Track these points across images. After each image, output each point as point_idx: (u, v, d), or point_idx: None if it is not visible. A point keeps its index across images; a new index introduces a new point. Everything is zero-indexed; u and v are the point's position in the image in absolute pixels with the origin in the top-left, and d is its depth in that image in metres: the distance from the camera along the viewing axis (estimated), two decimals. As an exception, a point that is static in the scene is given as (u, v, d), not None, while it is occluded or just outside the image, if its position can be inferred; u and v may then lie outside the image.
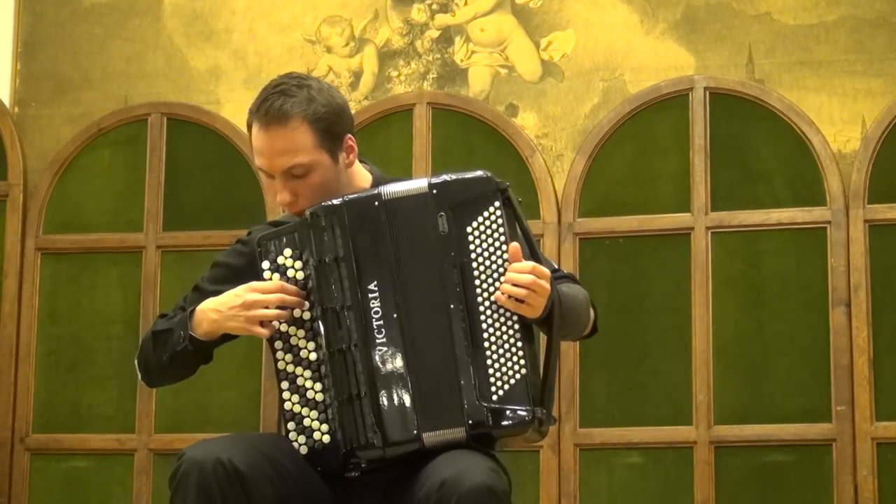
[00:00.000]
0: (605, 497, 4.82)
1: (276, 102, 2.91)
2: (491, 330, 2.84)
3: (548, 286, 2.84)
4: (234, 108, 5.24)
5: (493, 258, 2.85)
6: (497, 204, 2.86)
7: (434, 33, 5.27)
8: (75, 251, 5.22)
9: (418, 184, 2.90)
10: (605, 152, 4.98)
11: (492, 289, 2.84)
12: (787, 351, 4.78)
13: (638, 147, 4.98)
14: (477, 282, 2.84)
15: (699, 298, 4.82)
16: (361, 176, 3.07)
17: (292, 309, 2.90)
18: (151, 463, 5.03)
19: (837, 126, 4.94)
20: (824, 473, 4.69)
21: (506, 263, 2.83)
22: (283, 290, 2.89)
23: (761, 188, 4.87)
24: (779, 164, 4.88)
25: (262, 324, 2.89)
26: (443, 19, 5.27)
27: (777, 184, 4.87)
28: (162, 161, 5.21)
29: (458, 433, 2.81)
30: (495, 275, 2.84)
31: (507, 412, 2.81)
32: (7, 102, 5.39)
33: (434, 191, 2.87)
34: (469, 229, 2.86)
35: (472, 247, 2.85)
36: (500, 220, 2.85)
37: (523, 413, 2.81)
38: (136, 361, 3.07)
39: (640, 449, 4.81)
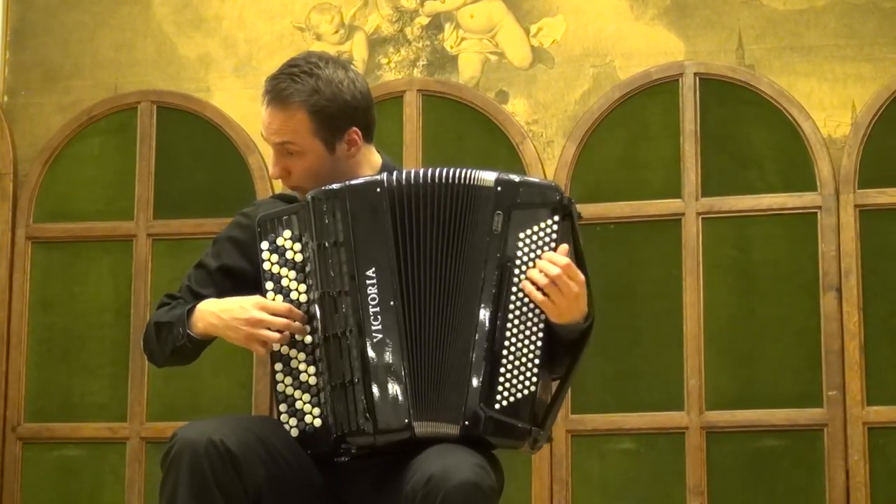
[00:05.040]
0: (597, 483, 4.82)
1: (281, 84, 2.96)
2: (514, 340, 2.81)
3: (576, 288, 2.82)
4: (223, 95, 5.22)
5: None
6: (556, 218, 2.83)
7: (424, 20, 5.26)
8: (66, 240, 5.21)
9: (485, 176, 2.86)
10: (596, 138, 4.98)
11: (526, 299, 2.81)
12: (778, 336, 4.78)
13: (628, 133, 4.98)
14: (514, 289, 2.81)
15: (690, 284, 4.82)
16: (369, 164, 3.07)
17: (293, 335, 2.88)
18: (144, 451, 5.03)
19: (828, 111, 4.93)
20: (816, 458, 4.69)
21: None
22: (290, 314, 2.87)
23: (752, 174, 4.87)
24: (769, 150, 4.88)
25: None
26: (432, 6, 5.26)
27: (767, 169, 4.87)
28: (152, 149, 5.20)
29: (452, 430, 2.81)
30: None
31: (506, 424, 2.80)
32: (-3, 91, 5.39)
33: (499, 188, 2.84)
34: (521, 235, 2.83)
35: (518, 253, 2.82)
36: (553, 235, 2.82)
37: (521, 429, 2.81)
38: (142, 343, 3.10)
39: (632, 435, 4.81)
